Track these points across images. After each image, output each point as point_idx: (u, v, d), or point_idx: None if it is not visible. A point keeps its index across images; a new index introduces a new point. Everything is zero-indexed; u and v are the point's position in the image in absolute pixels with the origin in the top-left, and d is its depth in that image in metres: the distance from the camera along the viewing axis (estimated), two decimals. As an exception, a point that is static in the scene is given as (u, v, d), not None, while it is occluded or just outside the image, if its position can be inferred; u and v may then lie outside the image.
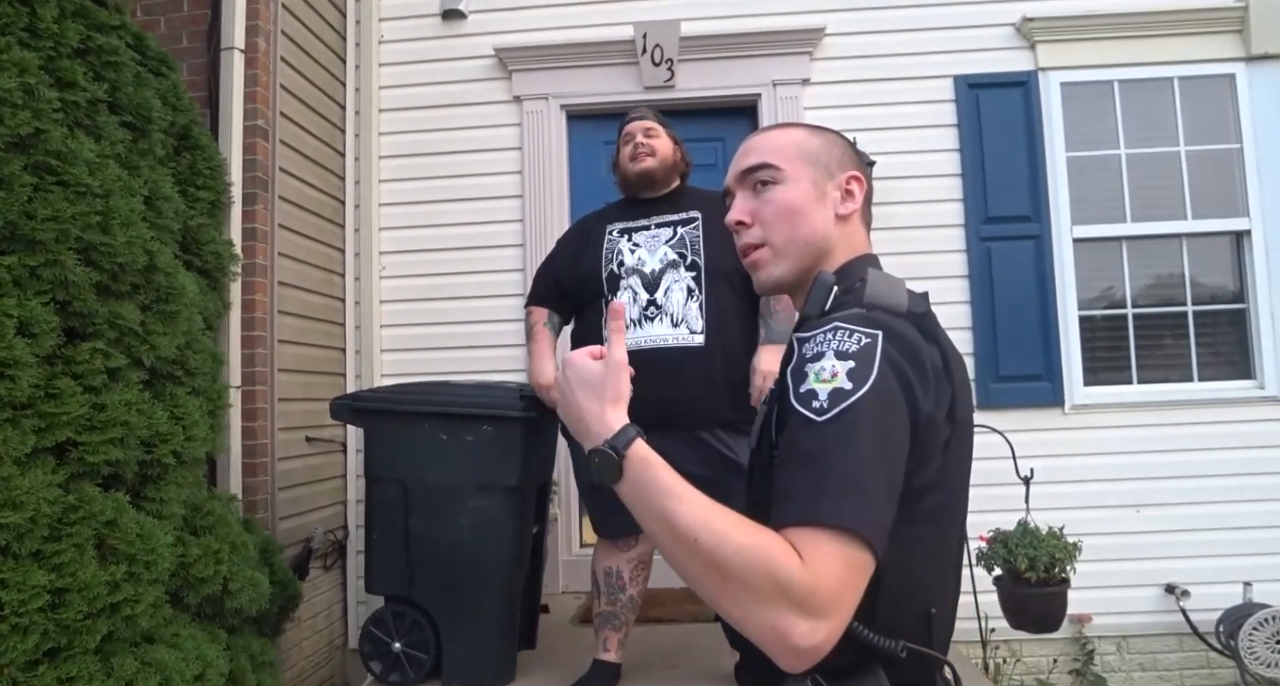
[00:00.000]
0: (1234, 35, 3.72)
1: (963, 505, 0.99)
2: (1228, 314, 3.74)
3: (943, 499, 0.92)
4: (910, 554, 0.87)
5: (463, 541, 2.52)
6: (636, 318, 2.38)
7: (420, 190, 3.79)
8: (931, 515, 0.90)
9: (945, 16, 3.75)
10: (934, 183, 3.68)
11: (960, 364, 0.97)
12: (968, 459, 0.98)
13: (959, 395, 0.93)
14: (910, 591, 0.90)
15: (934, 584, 0.94)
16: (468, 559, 2.52)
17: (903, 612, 0.88)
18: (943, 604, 0.95)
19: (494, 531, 2.53)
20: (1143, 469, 3.58)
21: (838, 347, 0.87)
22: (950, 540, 0.97)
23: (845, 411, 0.83)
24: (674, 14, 3.74)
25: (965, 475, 0.98)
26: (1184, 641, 3.53)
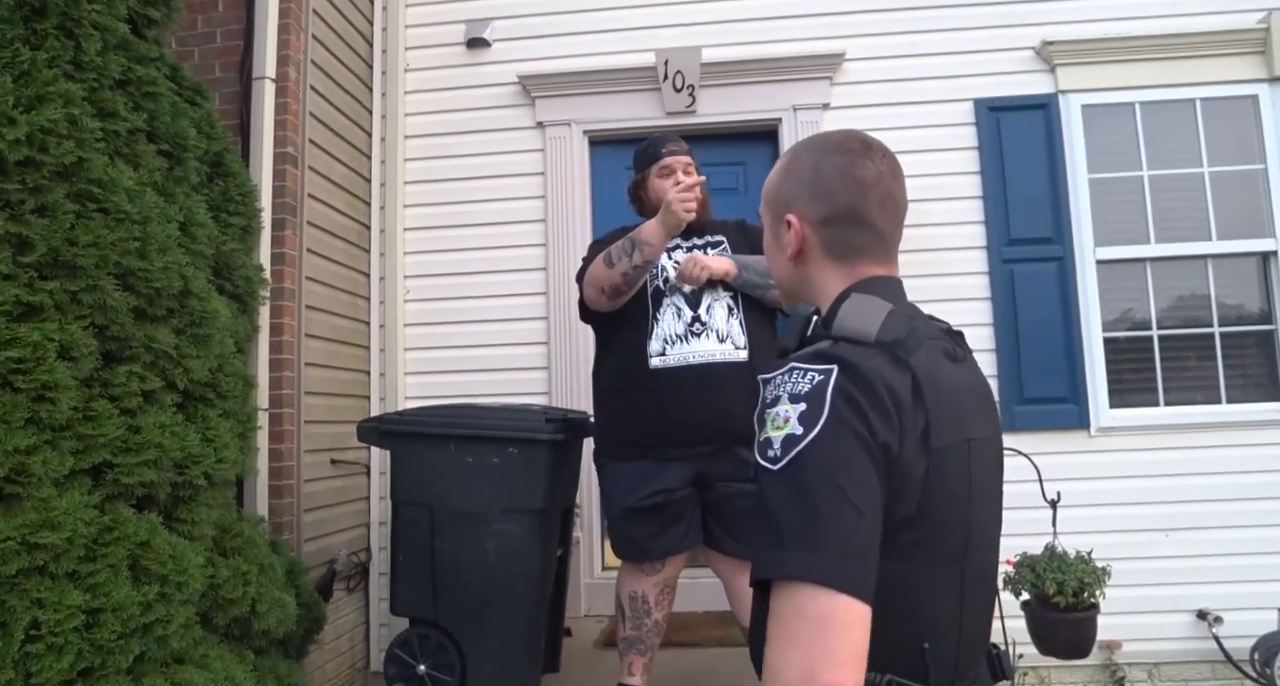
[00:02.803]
0: (1257, 56, 3.72)
1: (965, 536, 0.93)
2: (1255, 335, 3.70)
3: (926, 532, 0.88)
4: (892, 588, 0.85)
5: (488, 564, 2.53)
6: (682, 333, 2.39)
7: (444, 215, 3.84)
8: (911, 549, 0.87)
9: (965, 41, 3.77)
10: (956, 205, 3.69)
11: (950, 388, 0.93)
12: (968, 488, 0.93)
13: (936, 421, 0.88)
14: (895, 625, 0.87)
15: (925, 618, 0.90)
16: (493, 581, 2.53)
17: (888, 647, 0.85)
18: (941, 637, 0.91)
19: (519, 554, 2.54)
20: (1171, 492, 3.53)
21: (791, 390, 0.87)
22: (946, 572, 0.92)
23: (798, 457, 0.83)
24: (695, 41, 3.79)
25: (964, 504, 0.92)
26: (1217, 669, 3.46)
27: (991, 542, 1.01)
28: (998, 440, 1.04)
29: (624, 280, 2.35)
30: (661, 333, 2.38)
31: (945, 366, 0.96)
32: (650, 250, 2.31)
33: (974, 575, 0.95)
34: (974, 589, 0.96)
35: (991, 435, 1.01)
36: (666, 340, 2.37)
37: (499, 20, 3.92)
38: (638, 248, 2.31)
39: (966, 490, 0.92)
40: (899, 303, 0.99)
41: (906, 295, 1.04)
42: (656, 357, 2.37)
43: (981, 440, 0.97)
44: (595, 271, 2.40)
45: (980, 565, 0.97)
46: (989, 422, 1.02)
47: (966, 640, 0.95)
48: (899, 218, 1.04)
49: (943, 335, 1.02)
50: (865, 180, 1.00)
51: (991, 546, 1.01)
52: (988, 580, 1.01)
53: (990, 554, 1.01)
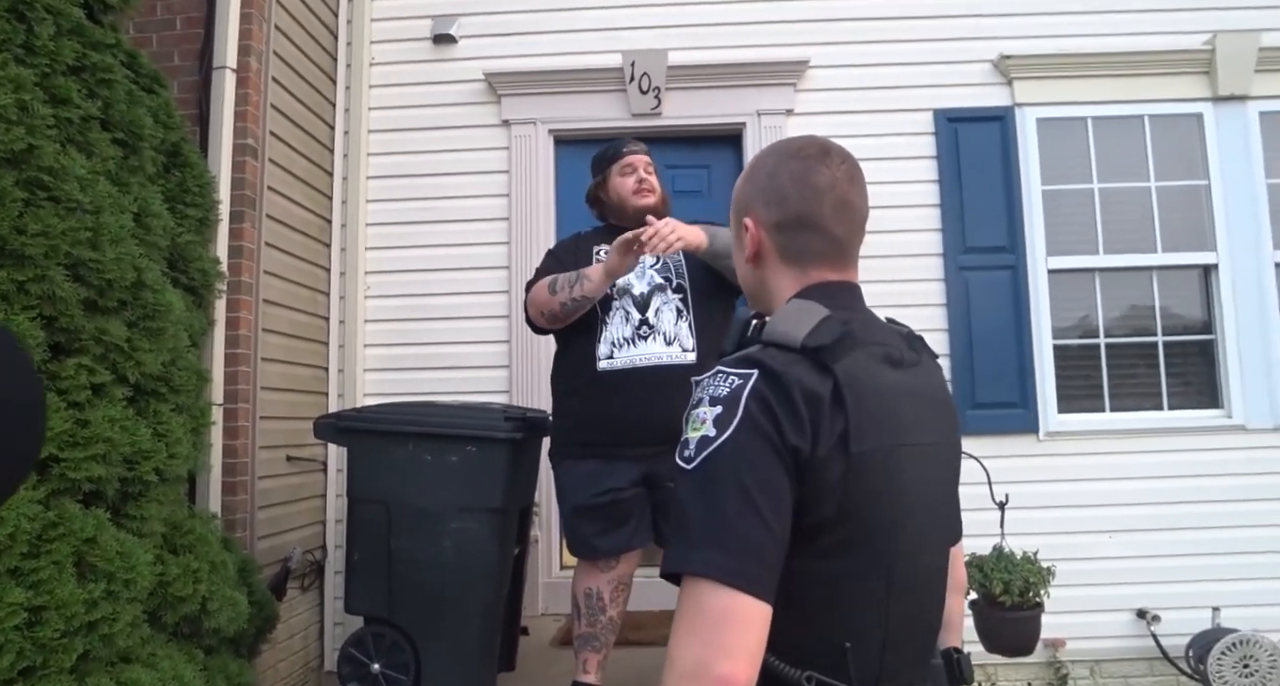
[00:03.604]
0: (1202, 76, 3.85)
1: (892, 539, 0.93)
2: (1197, 345, 3.83)
3: (848, 534, 0.89)
4: (812, 589, 0.89)
5: (445, 562, 2.52)
6: (630, 336, 2.42)
7: (407, 211, 3.81)
8: (833, 550, 0.89)
9: (925, 52, 3.85)
10: (914, 213, 3.76)
11: (882, 393, 0.93)
12: (895, 492, 0.93)
13: (857, 426, 0.89)
14: (815, 624, 0.90)
15: (846, 618, 0.92)
16: (450, 580, 2.52)
17: (809, 644, 0.89)
18: (865, 637, 0.92)
19: (476, 552, 2.54)
20: (1115, 495, 3.64)
21: (712, 393, 0.90)
22: (870, 574, 0.92)
23: (709, 458, 0.86)
24: (662, 43, 3.81)
25: (889, 508, 0.92)
26: (1155, 666, 3.57)
27: (931, 547, 1.00)
28: (949, 446, 1.04)
29: (562, 309, 2.41)
30: (610, 336, 2.41)
31: (880, 372, 0.95)
32: (591, 286, 2.36)
33: (906, 578, 0.94)
34: (906, 592, 0.95)
35: (939, 441, 1.01)
36: (615, 343, 2.40)
37: (466, 17, 3.91)
38: (580, 282, 2.37)
39: (893, 494, 0.92)
40: (847, 307, 1.00)
41: (863, 299, 1.05)
42: (605, 360, 2.40)
43: (921, 446, 0.97)
44: (538, 295, 2.45)
45: (913, 569, 0.96)
46: (937, 428, 1.02)
47: (895, 641, 0.94)
48: (856, 223, 1.04)
49: (893, 340, 1.02)
50: (819, 186, 1.01)
51: (931, 550, 1.00)
52: (926, 584, 0.99)
53: (929, 557, 1.00)
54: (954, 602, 1.15)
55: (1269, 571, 3.60)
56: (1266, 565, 3.60)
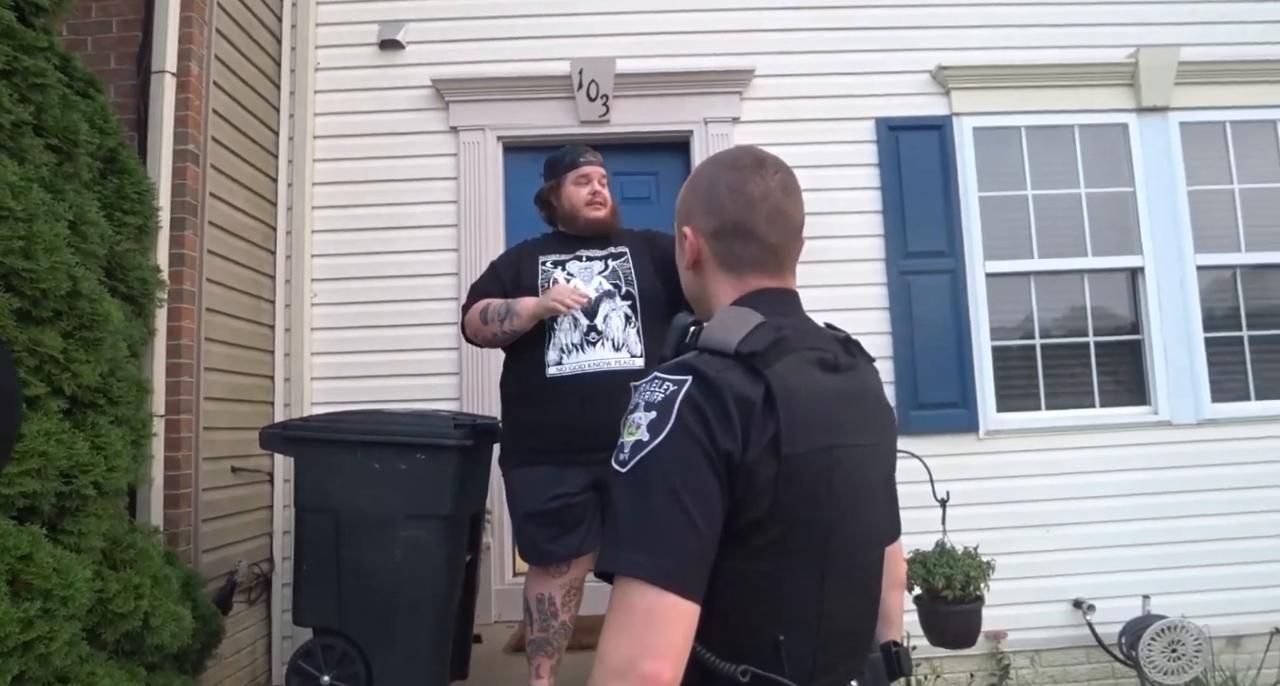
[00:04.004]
0: (1126, 88, 4.03)
1: (825, 538, 0.96)
2: (1125, 344, 4.00)
3: (780, 534, 0.92)
4: (746, 587, 0.92)
5: (395, 570, 2.51)
6: (578, 342, 2.44)
7: (354, 218, 3.78)
8: (766, 551, 0.92)
9: (867, 62, 3.96)
10: (857, 219, 3.86)
11: (815, 397, 0.96)
12: (827, 492, 0.95)
13: (789, 429, 0.91)
14: (750, 621, 0.93)
15: (782, 614, 0.94)
16: (400, 588, 2.51)
17: (744, 640, 0.92)
18: (799, 632, 0.95)
19: (427, 560, 2.53)
20: (1051, 490, 3.78)
21: (647, 398, 0.92)
22: (803, 571, 0.95)
23: (641, 462, 0.88)
24: (610, 51, 3.84)
25: (822, 508, 0.95)
26: (1091, 653, 3.72)
27: (867, 545, 1.02)
28: (885, 446, 1.07)
29: (494, 338, 2.50)
30: (558, 342, 2.43)
31: (814, 376, 0.98)
32: (519, 322, 2.43)
33: (841, 576, 0.97)
34: (841, 589, 0.98)
35: (874, 441, 1.04)
36: (563, 349, 2.42)
37: (413, 23, 3.89)
38: (510, 316, 2.44)
39: (826, 495, 0.95)
40: (783, 314, 1.03)
41: (800, 306, 1.08)
42: (554, 366, 2.42)
43: (856, 447, 0.99)
44: (472, 321, 2.53)
45: (849, 566, 0.99)
46: (873, 429, 1.04)
47: (831, 636, 0.97)
48: (790, 231, 1.07)
49: (829, 345, 1.04)
50: (753, 195, 1.04)
51: (867, 548, 1.03)
52: (863, 581, 1.02)
53: (865, 555, 1.02)
54: (893, 598, 1.18)
55: (1194, 560, 3.77)
56: (1192, 554, 3.77)
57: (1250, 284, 4.07)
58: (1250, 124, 4.10)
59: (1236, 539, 3.79)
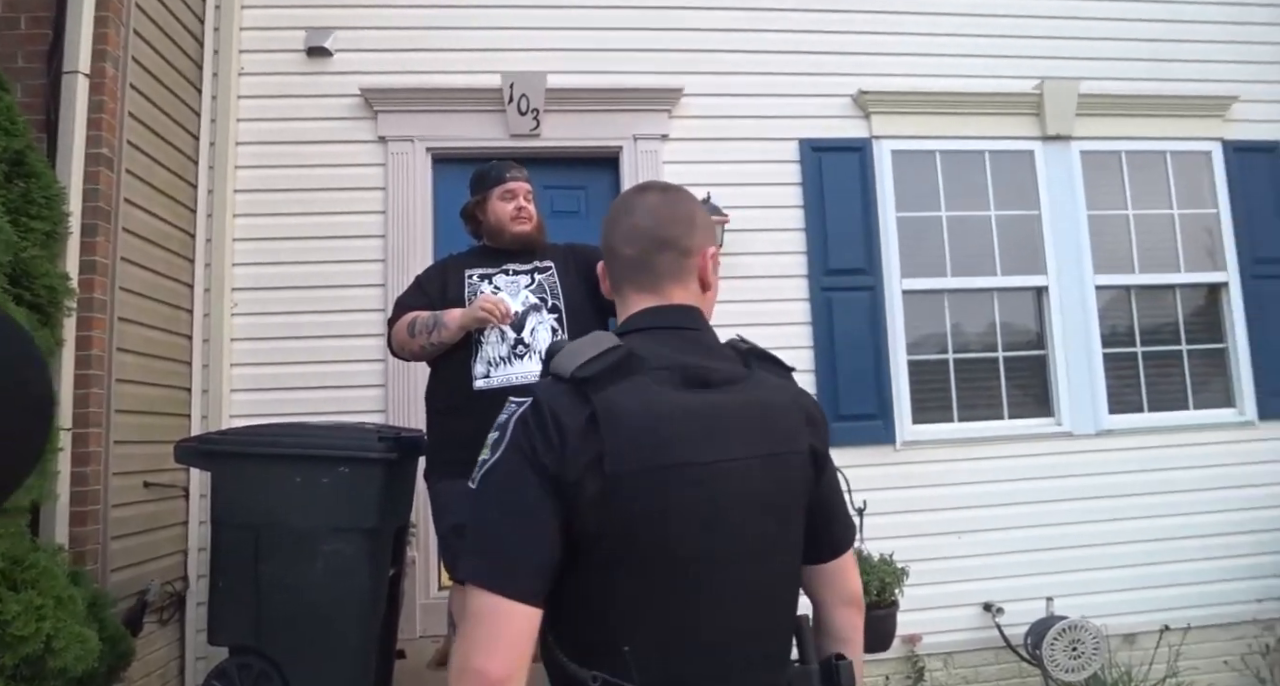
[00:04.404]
0: (1033, 118, 4.27)
1: (672, 553, 0.99)
2: (1031, 359, 4.22)
3: (614, 548, 0.98)
4: (592, 597, 0.99)
5: (316, 586, 2.47)
6: (506, 355, 2.45)
7: (278, 226, 3.70)
8: (606, 565, 0.98)
9: (792, 84, 4.09)
10: (780, 236, 3.98)
11: (657, 416, 0.99)
12: (664, 510, 0.98)
13: (614, 449, 0.96)
14: (598, 630, 0.99)
15: (627, 625, 0.99)
16: (322, 604, 2.47)
17: (595, 647, 0.98)
18: (648, 643, 0.98)
19: (350, 575, 2.50)
20: (963, 499, 3.95)
21: (498, 420, 1.03)
22: (650, 585, 0.98)
23: (482, 477, 1.00)
24: (541, 66, 3.88)
25: (660, 525, 0.98)
26: (1000, 654, 3.89)
27: (736, 559, 1.02)
28: (774, 459, 1.06)
29: (421, 351, 2.50)
30: (486, 355, 2.44)
31: (662, 396, 1.02)
32: (447, 334, 2.44)
33: (699, 590, 1.00)
34: (702, 603, 1.00)
35: (753, 455, 1.04)
36: (490, 362, 2.43)
37: (342, 30, 3.85)
38: (438, 328, 2.44)
39: (666, 511, 0.98)
40: (656, 329, 1.11)
41: (688, 317, 1.13)
42: (481, 379, 2.43)
43: (712, 464, 1.01)
44: (398, 334, 2.52)
45: (711, 582, 1.01)
46: (748, 443, 1.04)
47: (691, 650, 1.00)
48: (644, 242, 1.15)
49: (703, 360, 1.07)
50: (617, 217, 1.18)
51: (737, 562, 1.02)
52: (734, 595, 1.02)
53: (737, 570, 1.02)
54: (841, 614, 1.18)
55: (1093, 563, 3.99)
56: (1091, 557, 3.99)
57: (1144, 303, 4.35)
58: (1144, 154, 4.39)
59: (1130, 543, 4.03)
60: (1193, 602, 4.04)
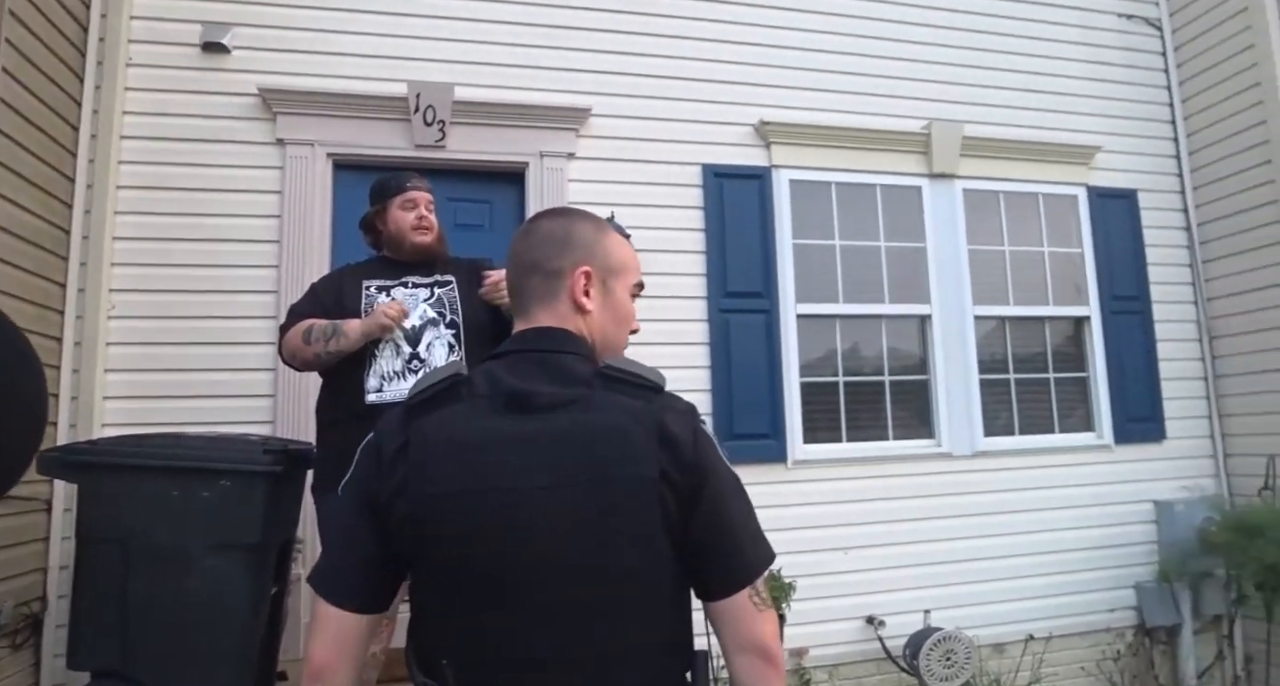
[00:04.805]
0: (921, 156, 4.53)
1: (483, 575, 1.02)
2: (915, 384, 4.44)
3: (428, 567, 1.06)
4: (419, 612, 1.10)
5: (192, 605, 2.35)
6: (400, 370, 2.41)
7: (164, 226, 3.53)
8: (425, 582, 1.08)
9: (696, 111, 4.21)
10: (681, 258, 4.07)
11: (466, 443, 1.03)
12: (470, 534, 1.01)
13: (421, 474, 1.03)
14: (427, 642, 1.09)
15: (446, 640, 1.06)
16: (197, 623, 2.35)
17: (428, 658, 1.08)
18: (465, 659, 1.03)
19: (229, 592, 2.39)
20: (850, 516, 4.11)
21: None
22: (466, 604, 1.03)
23: (338, 496, 1.14)
24: (448, 77, 3.86)
25: (465, 548, 1.02)
26: (881, 666, 4.05)
27: (554, 582, 1.02)
28: (580, 486, 1.02)
29: (316, 359, 2.44)
30: (379, 369, 2.40)
31: (478, 423, 1.05)
32: (346, 342, 2.38)
33: (513, 611, 1.02)
34: (518, 623, 1.02)
35: (559, 482, 1.02)
36: (384, 376, 2.40)
37: (242, 27, 3.73)
38: (337, 336, 2.39)
39: (473, 535, 1.02)
40: (511, 353, 1.16)
41: (546, 339, 1.15)
42: (373, 394, 2.38)
43: (522, 490, 1.02)
44: (292, 341, 2.44)
45: (528, 603, 1.02)
46: (567, 468, 1.03)
47: (508, 668, 1.03)
48: (519, 268, 1.21)
49: (542, 386, 1.08)
50: (510, 248, 1.25)
51: (555, 585, 1.02)
52: (553, 619, 1.02)
53: (557, 594, 1.02)
54: (737, 662, 1.09)
55: (968, 577, 4.23)
56: (965, 572, 4.23)
57: (1017, 333, 4.66)
58: (1019, 195, 4.71)
59: (1001, 557, 4.29)
60: (1055, 613, 4.33)
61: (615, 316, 1.22)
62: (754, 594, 1.09)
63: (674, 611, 1.09)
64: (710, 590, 1.09)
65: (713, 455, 1.10)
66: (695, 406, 1.16)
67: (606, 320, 1.21)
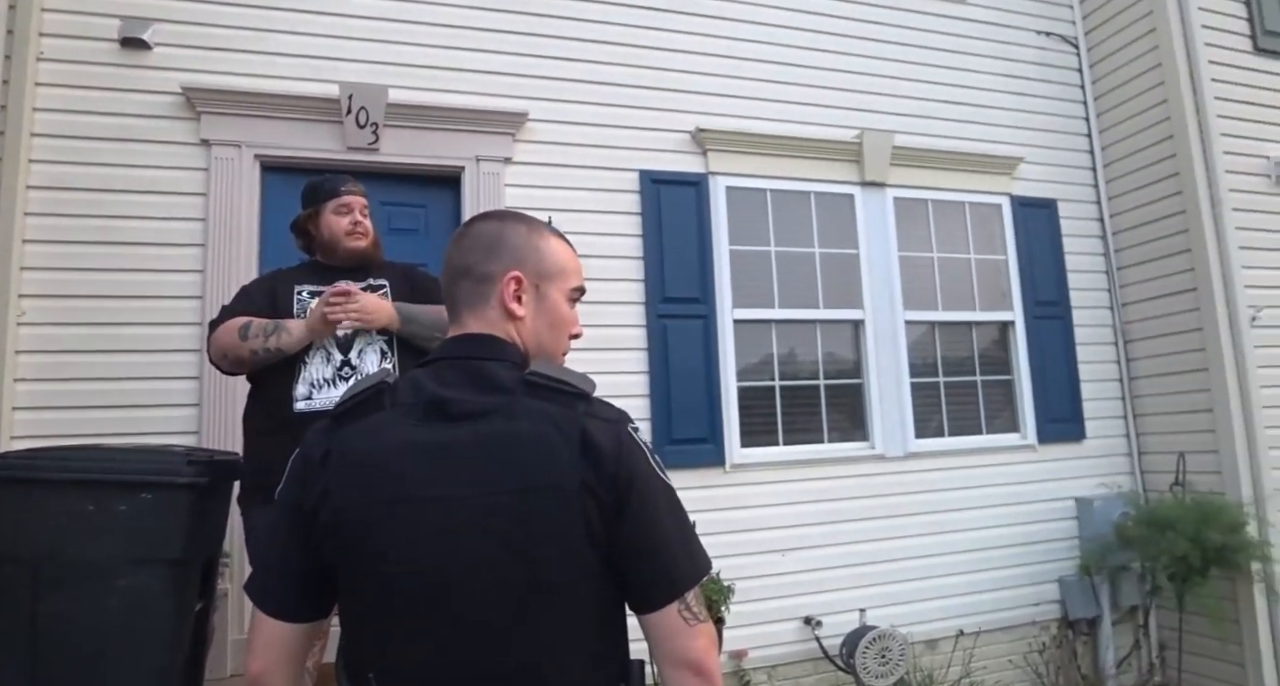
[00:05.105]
0: (853, 164, 4.64)
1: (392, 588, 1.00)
2: (849, 387, 4.54)
3: (347, 579, 1.05)
4: (345, 624, 1.09)
5: (110, 625, 2.24)
6: (330, 377, 2.35)
7: (79, 229, 3.38)
8: (347, 594, 1.07)
9: (634, 117, 4.23)
10: (619, 263, 4.08)
11: (384, 452, 1.02)
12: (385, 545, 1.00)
13: (338, 484, 1.03)
14: (354, 655, 1.08)
15: (370, 651, 1.04)
16: (115, 644, 2.24)
17: (354, 670, 1.07)
18: (386, 674, 1.01)
19: (150, 611, 2.29)
20: (787, 518, 4.17)
21: None
22: (383, 618, 1.01)
23: (270, 507, 1.15)
24: (382, 79, 3.79)
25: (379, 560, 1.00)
26: (819, 665, 4.11)
27: (459, 597, 1.00)
28: (497, 496, 1.00)
29: (251, 357, 2.32)
30: (309, 376, 2.34)
31: (395, 432, 1.03)
32: (290, 341, 2.30)
33: (422, 625, 1.00)
34: (428, 638, 1.00)
35: (475, 492, 1.00)
36: (314, 384, 2.33)
37: (163, 23, 3.60)
38: (278, 332, 2.30)
39: (381, 546, 1.00)
40: (435, 361, 1.14)
41: (471, 346, 1.14)
42: (302, 401, 2.32)
43: (428, 500, 1.00)
44: (225, 337, 2.33)
45: (435, 618, 0.99)
46: (474, 480, 1.00)
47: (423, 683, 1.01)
48: (450, 273, 1.20)
49: (464, 393, 1.05)
50: (445, 252, 1.23)
51: (475, 599, 1.00)
52: (464, 634, 0.99)
53: (474, 607, 1.00)
54: (669, 676, 1.06)
55: (901, 576, 4.33)
56: (899, 570, 4.33)
57: (946, 338, 4.80)
58: (947, 203, 4.87)
59: (932, 556, 4.41)
60: (984, 609, 4.47)
61: (550, 321, 1.19)
62: (683, 608, 1.05)
63: (602, 626, 1.06)
64: (638, 603, 1.07)
65: (641, 464, 1.06)
66: (625, 413, 1.13)
67: (541, 326, 1.18)
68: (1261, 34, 4.99)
